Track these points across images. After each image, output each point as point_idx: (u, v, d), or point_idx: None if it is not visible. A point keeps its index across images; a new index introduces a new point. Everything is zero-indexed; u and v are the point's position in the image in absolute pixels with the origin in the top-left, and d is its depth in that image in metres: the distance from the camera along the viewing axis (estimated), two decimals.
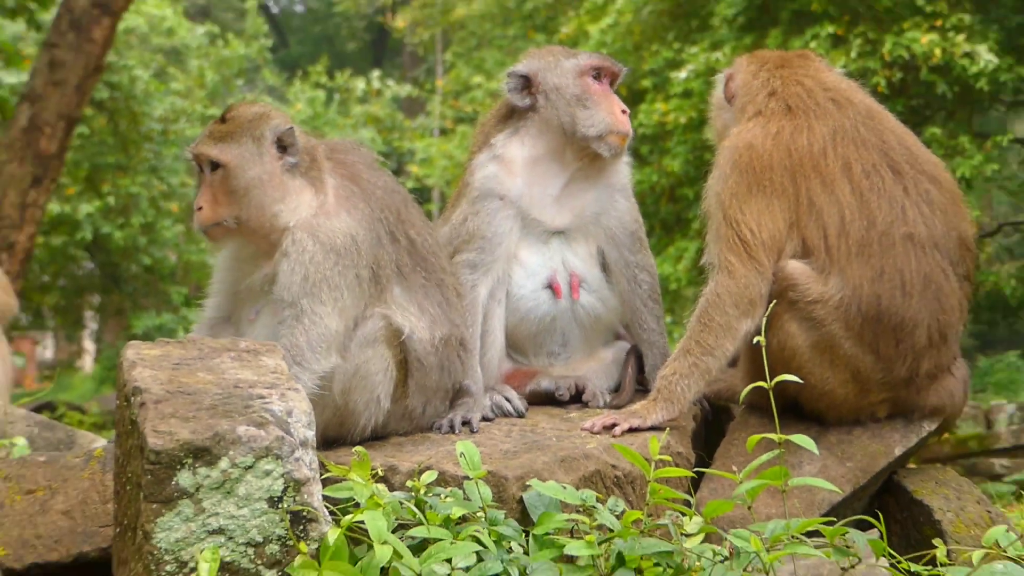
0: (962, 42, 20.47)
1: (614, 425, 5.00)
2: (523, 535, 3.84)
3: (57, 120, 12.56)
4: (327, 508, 3.51)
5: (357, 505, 3.57)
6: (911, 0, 21.77)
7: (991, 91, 21.78)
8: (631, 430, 4.97)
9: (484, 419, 5.30)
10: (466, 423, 5.19)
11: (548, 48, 6.18)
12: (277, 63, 47.24)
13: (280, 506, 3.35)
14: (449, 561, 3.51)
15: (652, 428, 4.97)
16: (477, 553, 3.60)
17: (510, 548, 3.75)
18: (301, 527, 3.38)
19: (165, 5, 31.52)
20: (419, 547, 3.59)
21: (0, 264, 12.06)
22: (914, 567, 3.82)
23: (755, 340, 4.35)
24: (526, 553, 3.74)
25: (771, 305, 4.72)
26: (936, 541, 4.23)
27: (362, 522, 3.42)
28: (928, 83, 21.10)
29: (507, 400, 5.50)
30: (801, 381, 4.46)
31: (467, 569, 3.54)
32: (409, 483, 4.03)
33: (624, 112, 5.84)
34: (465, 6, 34.54)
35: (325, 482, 3.62)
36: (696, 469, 4.71)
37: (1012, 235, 35.45)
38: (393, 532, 3.56)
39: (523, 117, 5.86)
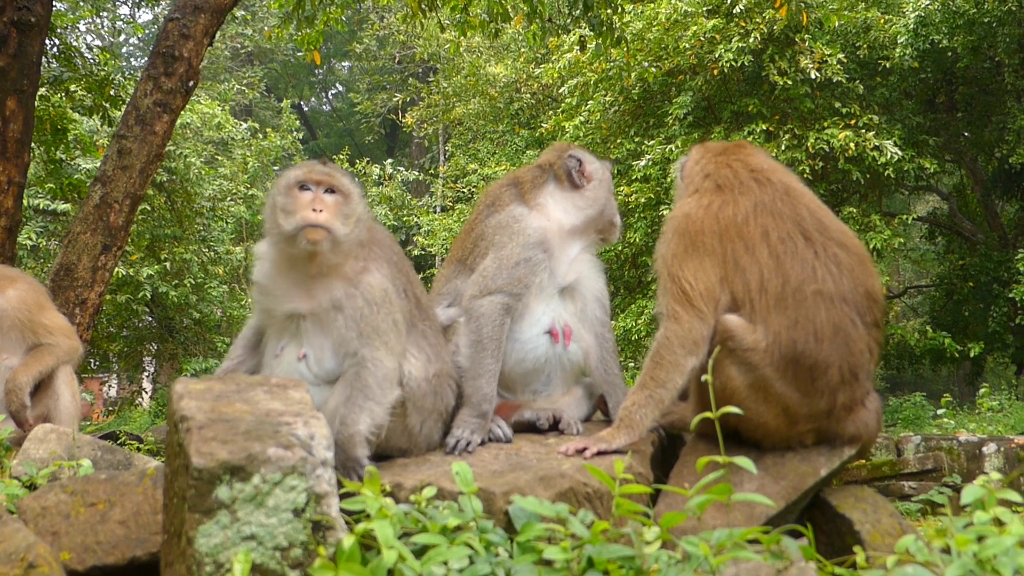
0: (872, 138, 20.68)
1: (585, 449, 4.97)
2: (508, 542, 3.80)
3: (124, 198, 12.53)
4: (343, 518, 3.47)
5: (368, 516, 3.54)
6: (830, 103, 22.00)
7: (896, 178, 22.05)
8: (599, 453, 4.95)
9: (481, 442, 5.29)
10: (468, 443, 5.20)
11: (576, 146, 6.27)
12: (307, 153, 47.23)
13: (303, 516, 3.31)
14: (446, 563, 3.47)
15: (616, 451, 4.96)
16: (469, 557, 3.57)
17: (497, 553, 3.71)
18: (321, 534, 3.33)
19: (215, 105, 31.53)
20: (420, 552, 3.55)
21: (75, 317, 12.04)
22: (838, 570, 3.77)
23: (703, 378, 4.37)
24: (511, 557, 3.70)
25: (715, 351, 4.74)
26: (856, 548, 4.20)
27: (373, 530, 3.39)
28: (845, 171, 21.31)
29: (498, 427, 5.46)
30: (741, 413, 4.47)
31: (461, 570, 3.50)
32: (412, 497, 4.00)
33: None
34: (463, 106, 34.79)
35: (342, 496, 3.58)
36: (654, 486, 4.67)
37: (916, 296, 35.73)
38: (399, 539, 3.53)
39: (566, 191, 5.95)
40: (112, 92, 16.41)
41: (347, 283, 4.85)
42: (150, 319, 29.61)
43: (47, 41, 14.04)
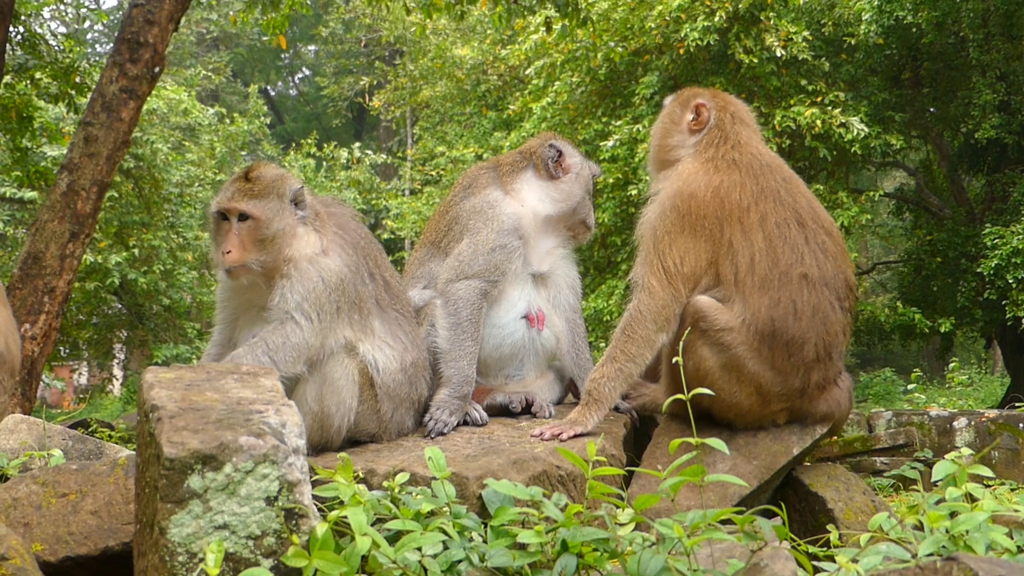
0: (838, 115, 20.68)
1: (560, 433, 4.96)
2: (482, 526, 3.81)
3: (91, 185, 12.41)
4: (316, 505, 3.45)
5: (341, 503, 3.53)
6: (796, 81, 21.98)
7: (863, 154, 22.03)
8: (576, 436, 4.94)
9: (456, 424, 5.32)
10: (446, 425, 5.23)
11: (563, 138, 6.19)
12: (275, 137, 47.07)
13: (276, 504, 3.28)
14: (420, 549, 3.47)
15: (592, 433, 4.95)
16: (443, 542, 3.57)
17: (471, 537, 3.71)
18: (294, 522, 3.31)
19: (181, 91, 31.26)
20: (394, 538, 3.54)
21: (43, 305, 11.96)
22: (811, 549, 3.79)
23: (674, 360, 4.36)
24: (485, 541, 3.70)
25: (685, 333, 4.74)
26: (830, 527, 4.23)
27: (346, 517, 3.37)
28: (812, 148, 21.27)
29: (475, 410, 5.47)
30: (713, 394, 4.47)
31: (435, 556, 3.49)
32: (385, 483, 3.99)
33: None
34: (430, 89, 34.60)
35: (314, 483, 3.56)
36: (627, 468, 4.68)
37: (884, 272, 35.85)
38: (372, 525, 3.52)
39: (542, 179, 5.93)
40: (78, 79, 16.25)
41: (307, 259, 4.93)
42: (119, 306, 29.44)
43: (11, 28, 13.89)
